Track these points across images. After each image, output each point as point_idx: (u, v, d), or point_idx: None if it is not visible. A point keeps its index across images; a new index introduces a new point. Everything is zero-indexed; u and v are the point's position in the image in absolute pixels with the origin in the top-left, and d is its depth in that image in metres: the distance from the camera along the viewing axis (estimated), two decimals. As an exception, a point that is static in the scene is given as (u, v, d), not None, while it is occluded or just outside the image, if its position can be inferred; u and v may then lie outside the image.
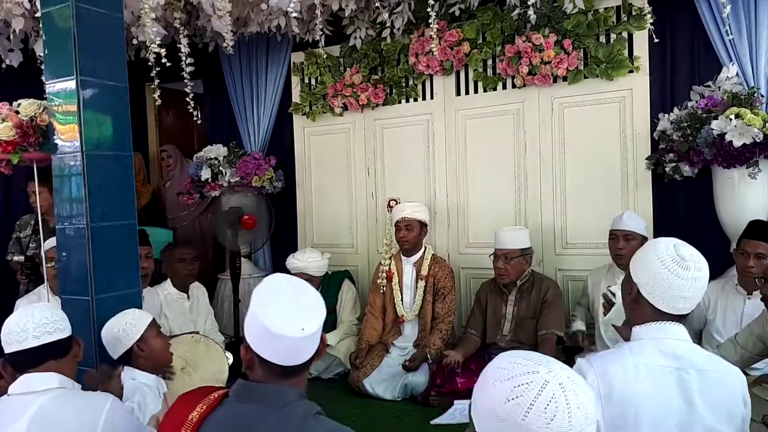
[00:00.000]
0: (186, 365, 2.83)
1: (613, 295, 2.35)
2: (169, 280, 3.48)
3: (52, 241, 3.16)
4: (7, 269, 3.98)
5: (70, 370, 1.69)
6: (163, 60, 3.28)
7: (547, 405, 0.90)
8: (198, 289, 3.62)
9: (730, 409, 1.38)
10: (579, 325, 3.24)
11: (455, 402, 2.96)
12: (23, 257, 3.67)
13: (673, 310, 1.40)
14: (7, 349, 1.65)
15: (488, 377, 0.97)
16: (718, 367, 1.40)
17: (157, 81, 3.67)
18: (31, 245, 3.76)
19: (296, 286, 1.30)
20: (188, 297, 3.50)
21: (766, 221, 2.82)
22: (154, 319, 2.22)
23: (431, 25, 3.39)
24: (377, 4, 3.53)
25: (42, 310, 1.70)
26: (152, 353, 2.13)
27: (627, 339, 1.48)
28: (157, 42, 3.15)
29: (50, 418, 1.47)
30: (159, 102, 3.78)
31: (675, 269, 1.37)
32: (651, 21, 3.10)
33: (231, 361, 3.01)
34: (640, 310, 1.44)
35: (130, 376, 2.06)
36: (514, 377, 0.94)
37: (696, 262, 1.39)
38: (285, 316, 1.22)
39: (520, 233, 3.33)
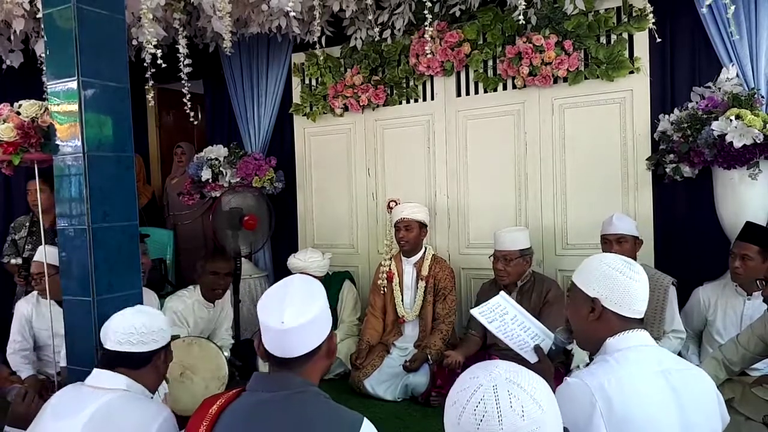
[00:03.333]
0: (185, 370, 2.83)
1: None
2: (198, 287, 3.46)
3: (38, 253, 3.09)
4: (3, 271, 3.97)
5: (148, 380, 1.74)
6: (159, 61, 3.28)
7: (477, 407, 0.96)
8: (224, 299, 3.60)
9: (710, 405, 1.41)
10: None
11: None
12: (21, 260, 3.66)
13: (636, 314, 1.44)
14: (105, 344, 1.75)
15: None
16: (688, 368, 1.44)
17: (151, 82, 3.67)
18: (27, 247, 3.75)
19: (295, 283, 1.37)
20: (214, 305, 3.50)
21: (758, 224, 2.82)
22: None
23: (427, 28, 3.40)
24: (371, 17, 3.53)
25: (134, 318, 1.76)
26: None
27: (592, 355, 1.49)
28: (154, 43, 3.16)
29: (110, 415, 1.57)
30: (152, 103, 3.79)
31: (630, 274, 1.43)
32: (653, 20, 3.11)
33: (228, 355, 3.00)
34: (604, 325, 1.44)
35: None
36: (458, 384, 1.02)
37: (637, 265, 1.47)
38: (269, 308, 1.30)
39: (519, 234, 3.32)
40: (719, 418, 1.43)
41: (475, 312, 1.74)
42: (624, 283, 1.42)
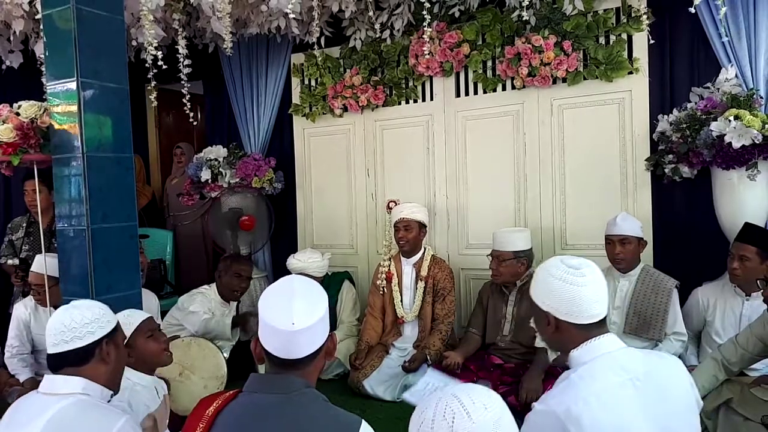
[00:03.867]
0: (183, 369, 2.83)
1: None
2: (215, 286, 3.47)
3: (36, 263, 3.04)
4: (0, 272, 3.98)
5: (99, 375, 1.64)
6: (160, 62, 3.28)
7: (444, 411, 1.03)
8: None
9: (685, 398, 1.40)
10: None
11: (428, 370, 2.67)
12: (18, 260, 3.66)
13: (593, 318, 1.40)
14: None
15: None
16: (658, 364, 1.41)
17: (153, 83, 3.67)
18: (24, 248, 3.75)
19: (298, 284, 1.36)
20: (229, 305, 3.54)
21: (756, 225, 2.81)
22: (147, 320, 2.13)
23: (426, 29, 3.40)
24: (371, 14, 3.54)
25: (63, 316, 1.64)
26: (141, 355, 2.06)
27: (565, 365, 1.47)
28: (155, 44, 3.16)
29: (65, 425, 1.50)
30: (155, 103, 3.80)
31: (574, 280, 1.40)
32: (649, 22, 3.11)
33: (227, 356, 3.00)
34: (565, 335, 1.42)
35: (125, 376, 2.05)
36: (418, 410, 1.08)
37: (586, 266, 1.43)
38: (277, 310, 1.29)
39: (516, 235, 3.31)
40: (695, 407, 1.42)
41: (406, 396, 1.80)
42: (570, 292, 1.39)
